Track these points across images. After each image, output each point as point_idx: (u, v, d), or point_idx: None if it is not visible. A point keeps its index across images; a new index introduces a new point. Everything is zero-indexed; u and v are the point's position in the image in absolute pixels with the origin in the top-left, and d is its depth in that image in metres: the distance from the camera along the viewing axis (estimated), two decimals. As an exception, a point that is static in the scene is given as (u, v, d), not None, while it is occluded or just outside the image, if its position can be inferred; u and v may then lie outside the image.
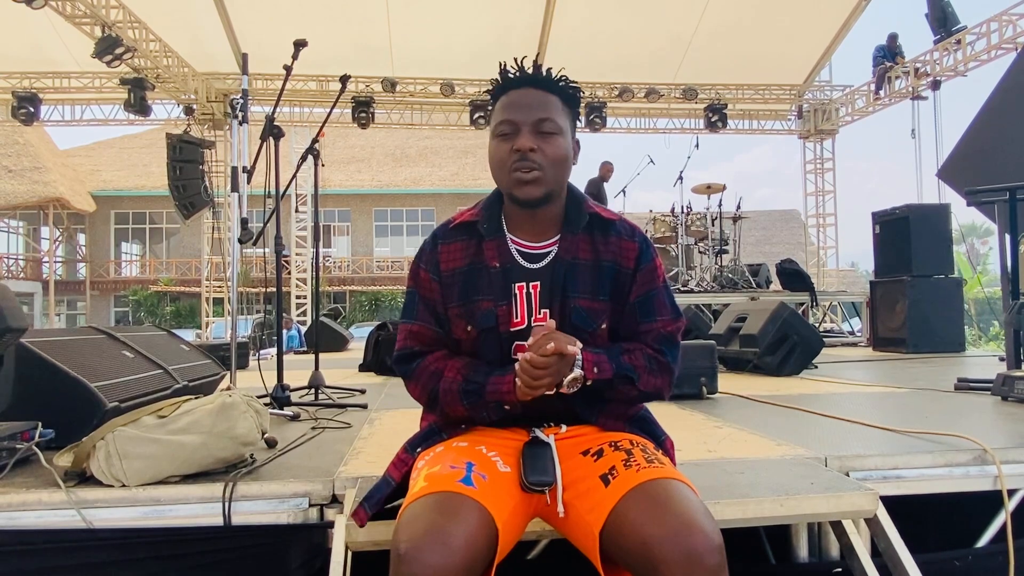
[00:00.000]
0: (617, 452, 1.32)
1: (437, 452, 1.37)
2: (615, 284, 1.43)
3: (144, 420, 1.71)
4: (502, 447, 1.37)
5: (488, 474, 1.27)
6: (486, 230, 1.44)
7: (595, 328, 1.41)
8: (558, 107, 1.40)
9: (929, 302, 6.10)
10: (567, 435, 1.42)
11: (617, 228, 1.45)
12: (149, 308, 24.75)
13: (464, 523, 1.13)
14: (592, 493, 1.25)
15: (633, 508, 1.17)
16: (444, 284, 1.45)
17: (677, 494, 1.18)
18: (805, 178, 14.18)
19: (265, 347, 8.69)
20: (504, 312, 1.41)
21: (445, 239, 1.47)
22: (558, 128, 1.38)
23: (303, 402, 3.23)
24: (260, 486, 1.71)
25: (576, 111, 1.46)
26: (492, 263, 1.42)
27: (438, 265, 1.46)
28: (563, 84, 1.42)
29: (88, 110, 12.64)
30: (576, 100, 1.45)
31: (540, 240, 1.44)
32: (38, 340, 2.19)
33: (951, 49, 10.41)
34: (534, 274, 1.42)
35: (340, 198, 25.72)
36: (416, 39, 10.85)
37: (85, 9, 8.62)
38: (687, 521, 1.12)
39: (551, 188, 1.39)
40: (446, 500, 1.17)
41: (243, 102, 3.30)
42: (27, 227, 25.84)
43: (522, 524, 1.33)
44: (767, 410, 2.92)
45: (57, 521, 1.63)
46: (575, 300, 1.40)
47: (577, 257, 1.42)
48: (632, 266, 1.43)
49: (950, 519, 2.00)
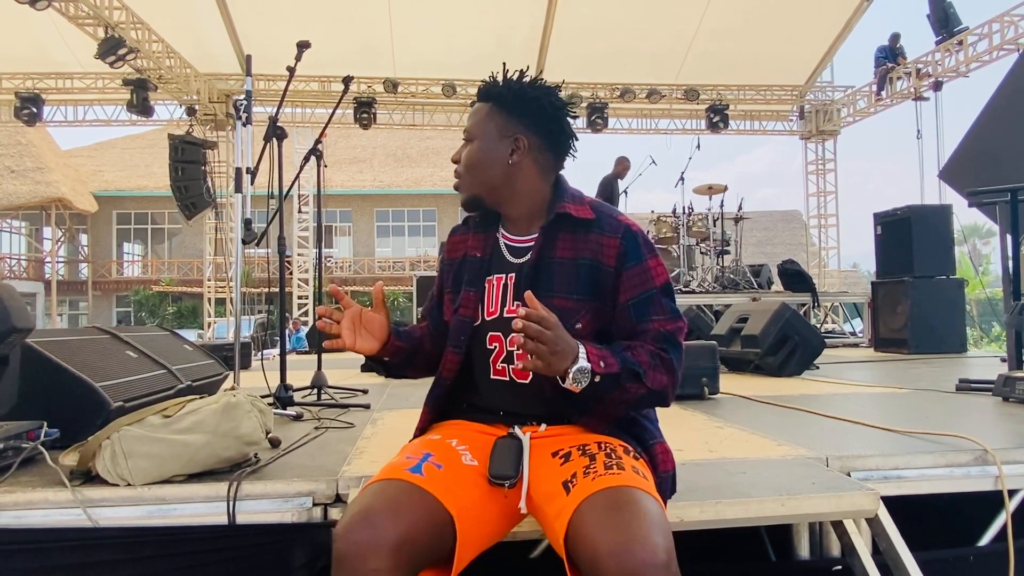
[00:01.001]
0: (582, 457, 1.31)
1: (409, 444, 1.44)
2: (594, 282, 1.41)
3: (149, 420, 1.72)
4: (474, 441, 1.40)
5: (446, 464, 1.30)
6: (475, 224, 1.57)
7: (569, 327, 1.36)
8: (483, 113, 1.48)
9: (931, 303, 6.10)
10: (545, 434, 1.41)
11: (600, 225, 1.44)
12: (151, 308, 24.77)
13: (394, 505, 1.18)
14: (556, 500, 1.24)
15: (586, 519, 1.15)
16: (445, 271, 1.61)
17: (628, 505, 1.15)
18: (807, 179, 14.19)
19: (267, 347, 8.71)
20: (470, 298, 1.48)
21: (455, 231, 1.63)
22: (477, 133, 1.48)
23: (306, 402, 3.24)
24: (264, 485, 1.72)
25: (516, 110, 1.45)
26: (473, 253, 1.54)
27: (445, 255, 1.63)
28: (497, 89, 1.47)
29: (91, 111, 12.68)
30: (508, 100, 1.45)
31: (525, 235, 1.50)
32: (43, 340, 2.20)
33: (953, 50, 10.41)
34: (513, 268, 1.48)
35: (342, 198, 25.73)
36: (418, 40, 10.87)
37: (88, 10, 8.64)
38: (631, 534, 1.09)
39: (473, 192, 1.49)
40: (385, 486, 1.24)
41: (247, 103, 3.31)
42: (29, 227, 25.88)
43: (496, 518, 1.32)
44: (768, 410, 2.92)
45: (63, 520, 1.64)
46: (549, 299, 1.37)
47: (553, 256, 1.45)
48: (613, 264, 1.41)
49: (951, 519, 2.01)
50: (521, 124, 1.46)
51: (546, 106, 1.46)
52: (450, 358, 1.49)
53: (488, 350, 1.47)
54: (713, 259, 8.60)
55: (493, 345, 1.46)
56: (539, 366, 1.24)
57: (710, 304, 7.67)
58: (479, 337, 1.47)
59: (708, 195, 8.72)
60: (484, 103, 1.49)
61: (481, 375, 1.49)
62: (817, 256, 14.55)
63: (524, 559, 1.69)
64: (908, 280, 6.20)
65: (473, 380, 1.51)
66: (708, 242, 8.58)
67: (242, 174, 3.30)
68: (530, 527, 1.40)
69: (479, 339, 1.47)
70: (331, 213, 26.06)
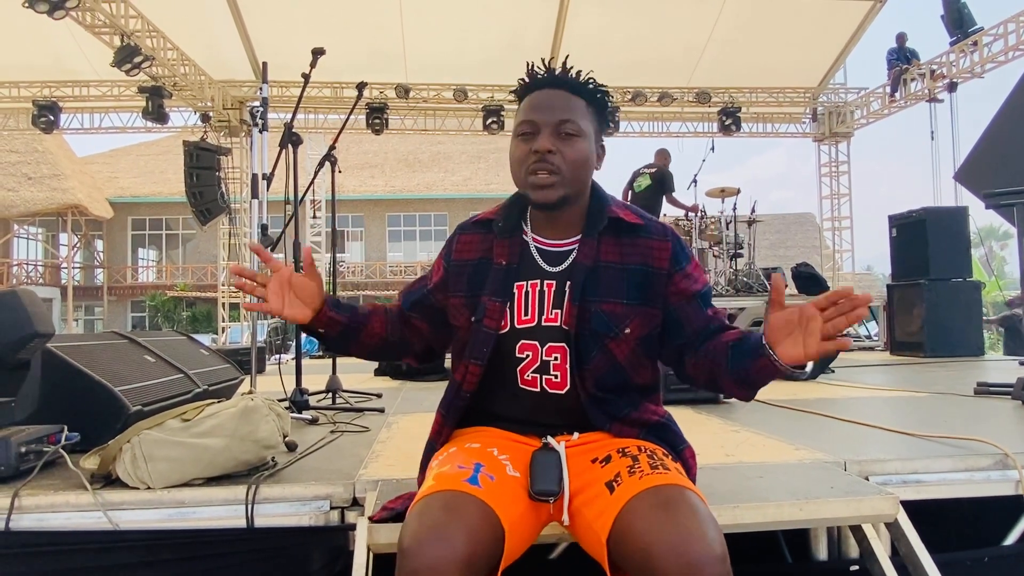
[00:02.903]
0: (623, 458, 1.30)
1: (450, 452, 1.37)
2: (645, 286, 1.40)
3: (168, 423, 1.74)
4: (513, 452, 1.37)
5: (496, 476, 1.27)
6: (500, 229, 1.46)
7: (618, 333, 1.38)
8: (582, 109, 1.39)
9: (947, 306, 6.03)
10: (578, 442, 1.41)
11: (647, 229, 1.43)
12: (166, 313, 24.98)
13: (466, 520, 1.14)
14: (598, 500, 1.24)
15: (635, 515, 1.15)
16: (450, 272, 1.50)
17: (680, 501, 1.15)
18: (820, 181, 14.09)
19: (279, 352, 8.74)
20: (496, 309, 1.40)
21: (465, 230, 1.54)
22: (579, 130, 1.37)
23: (321, 406, 3.25)
24: (282, 489, 1.73)
25: (604, 114, 1.44)
26: (499, 260, 1.44)
27: (451, 253, 1.52)
28: (591, 86, 1.41)
29: (107, 118, 12.83)
30: (603, 103, 1.43)
31: (562, 239, 1.44)
32: (63, 345, 2.23)
33: (967, 51, 10.33)
34: (550, 275, 1.42)
35: (354, 203, 25.85)
36: (429, 45, 10.91)
37: (105, 19, 8.75)
38: (688, 530, 1.09)
39: (568, 191, 1.37)
40: (451, 498, 1.19)
41: (263, 110, 3.34)
42: (46, 233, 26.18)
43: (533, 528, 1.32)
44: (784, 414, 2.91)
45: (84, 523, 1.66)
46: (597, 304, 1.37)
47: (599, 260, 1.40)
48: (666, 267, 1.41)
49: (971, 523, 1.99)
50: (602, 128, 1.46)
51: (608, 114, 1.46)
52: (472, 370, 1.42)
53: (518, 359, 1.41)
54: (726, 262, 8.55)
55: (525, 354, 1.41)
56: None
57: (724, 307, 7.61)
58: (506, 346, 1.41)
59: (721, 198, 8.68)
60: (575, 96, 1.39)
61: (506, 384, 1.44)
62: (831, 259, 14.45)
63: (543, 560, 1.69)
64: (924, 283, 6.13)
65: (492, 387, 1.45)
66: (721, 245, 8.54)
67: (258, 180, 3.33)
68: (549, 530, 1.39)
69: (506, 348, 1.41)
70: (343, 218, 26.17)
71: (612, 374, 1.41)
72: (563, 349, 1.39)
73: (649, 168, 8.85)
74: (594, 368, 1.39)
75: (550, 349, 1.40)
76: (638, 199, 8.70)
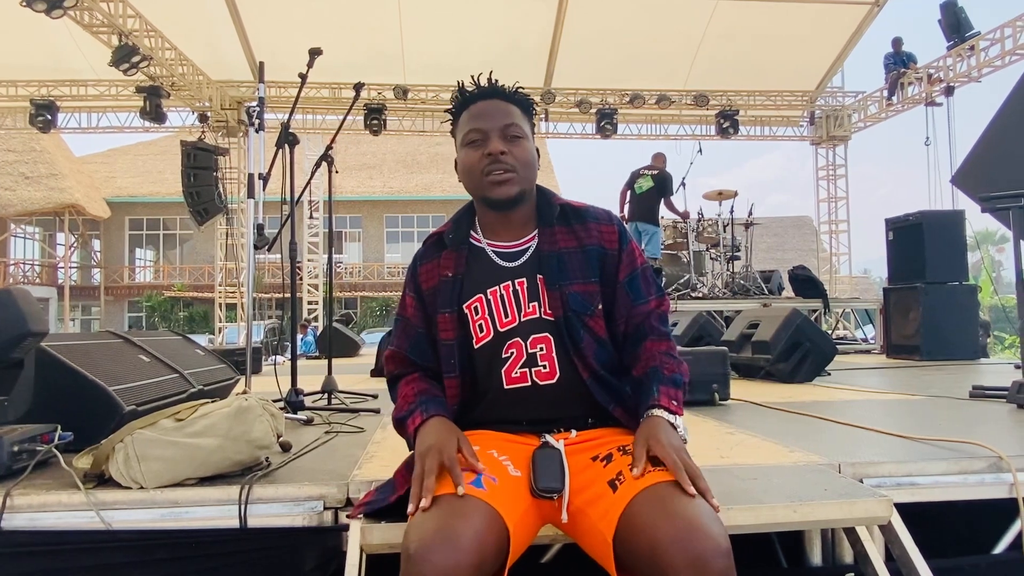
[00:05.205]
0: (625, 456, 1.31)
1: None
2: (602, 266, 1.49)
3: (162, 423, 1.73)
4: (512, 452, 1.38)
5: (499, 477, 1.28)
6: (450, 240, 1.53)
7: (592, 311, 1.46)
8: (519, 115, 1.49)
9: (943, 309, 6.05)
10: (578, 440, 1.42)
11: (593, 214, 1.53)
12: (162, 313, 24.95)
13: (472, 524, 1.14)
14: (601, 500, 1.25)
15: (642, 511, 1.17)
16: (427, 302, 1.53)
17: (683, 497, 1.18)
18: (817, 184, 14.14)
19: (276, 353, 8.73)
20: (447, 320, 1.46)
21: (423, 259, 1.56)
22: (523, 133, 1.48)
23: (316, 407, 3.24)
24: (276, 489, 1.72)
25: (532, 120, 1.55)
26: (444, 273, 1.49)
27: (419, 287, 1.55)
28: (519, 96, 1.52)
29: (104, 118, 12.83)
30: (531, 110, 1.55)
31: (518, 238, 1.50)
32: (57, 344, 2.22)
33: (965, 55, 10.37)
34: (516, 272, 1.47)
35: (351, 204, 25.86)
36: (428, 46, 10.92)
37: (103, 18, 8.75)
38: (693, 524, 1.11)
39: (524, 187, 1.46)
40: (456, 502, 1.19)
41: (260, 110, 3.34)
42: (43, 233, 26.14)
43: (533, 529, 1.33)
44: (780, 416, 2.90)
45: (76, 522, 1.65)
46: (569, 286, 1.45)
47: (559, 247, 1.48)
48: (616, 247, 1.51)
49: (965, 527, 1.99)
50: (533, 132, 1.55)
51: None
52: (449, 383, 1.48)
53: (503, 359, 1.45)
54: (723, 265, 8.57)
55: (509, 352, 1.45)
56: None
57: (720, 310, 7.64)
58: (492, 352, 1.45)
59: (718, 200, 8.70)
60: (511, 104, 1.49)
61: (492, 386, 1.47)
62: (828, 262, 14.48)
63: (536, 563, 1.68)
64: (920, 286, 6.15)
65: (481, 393, 1.49)
66: (718, 248, 8.55)
67: (254, 180, 3.33)
68: (543, 531, 1.39)
69: (492, 353, 1.46)
70: (340, 219, 26.17)
71: (602, 351, 1.47)
72: (547, 339, 1.44)
73: (650, 170, 8.86)
74: (587, 347, 1.44)
75: (534, 341, 1.45)
76: (639, 200, 8.69)
